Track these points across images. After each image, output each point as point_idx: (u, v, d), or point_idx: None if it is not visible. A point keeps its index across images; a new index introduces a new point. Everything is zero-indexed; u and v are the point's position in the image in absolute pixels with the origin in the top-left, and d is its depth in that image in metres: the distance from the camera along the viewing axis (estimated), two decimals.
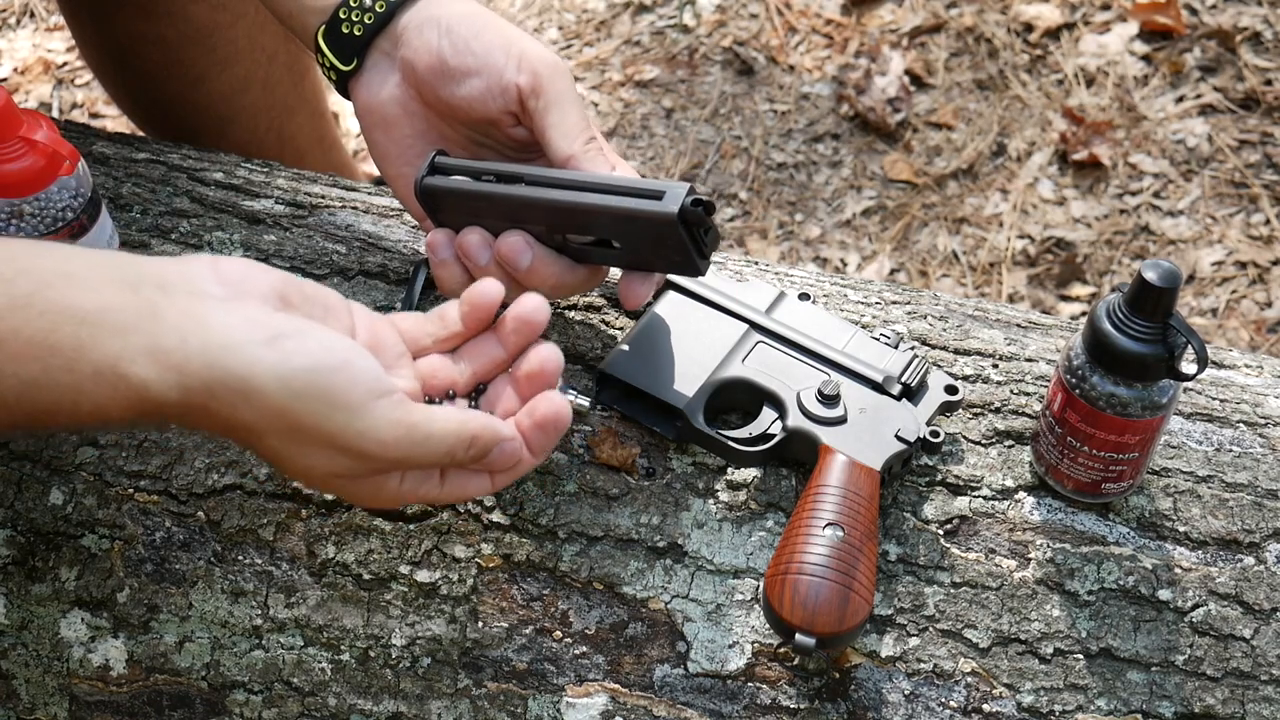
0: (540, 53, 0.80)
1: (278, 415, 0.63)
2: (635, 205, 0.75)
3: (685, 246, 0.76)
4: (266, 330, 0.63)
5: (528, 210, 0.79)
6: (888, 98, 1.92)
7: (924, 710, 0.78)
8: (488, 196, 0.79)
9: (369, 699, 0.82)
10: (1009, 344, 0.91)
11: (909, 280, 1.78)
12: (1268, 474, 0.84)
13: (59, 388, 0.61)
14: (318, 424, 0.63)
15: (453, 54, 0.80)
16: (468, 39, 0.80)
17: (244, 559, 0.84)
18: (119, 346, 0.61)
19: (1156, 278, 0.72)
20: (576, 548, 0.82)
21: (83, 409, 0.62)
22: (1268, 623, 0.80)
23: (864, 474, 0.79)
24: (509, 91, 0.79)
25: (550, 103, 0.79)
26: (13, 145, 0.84)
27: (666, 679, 0.80)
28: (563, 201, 0.77)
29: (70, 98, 2.00)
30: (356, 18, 0.83)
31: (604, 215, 0.77)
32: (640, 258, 0.80)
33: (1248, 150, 1.85)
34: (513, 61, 0.79)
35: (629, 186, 0.76)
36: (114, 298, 0.62)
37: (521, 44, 0.80)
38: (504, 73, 0.79)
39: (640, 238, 0.77)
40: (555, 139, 0.79)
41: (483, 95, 0.80)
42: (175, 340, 0.62)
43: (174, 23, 1.25)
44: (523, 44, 0.80)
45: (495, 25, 0.81)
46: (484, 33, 0.80)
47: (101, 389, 0.61)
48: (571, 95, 0.79)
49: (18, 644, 0.85)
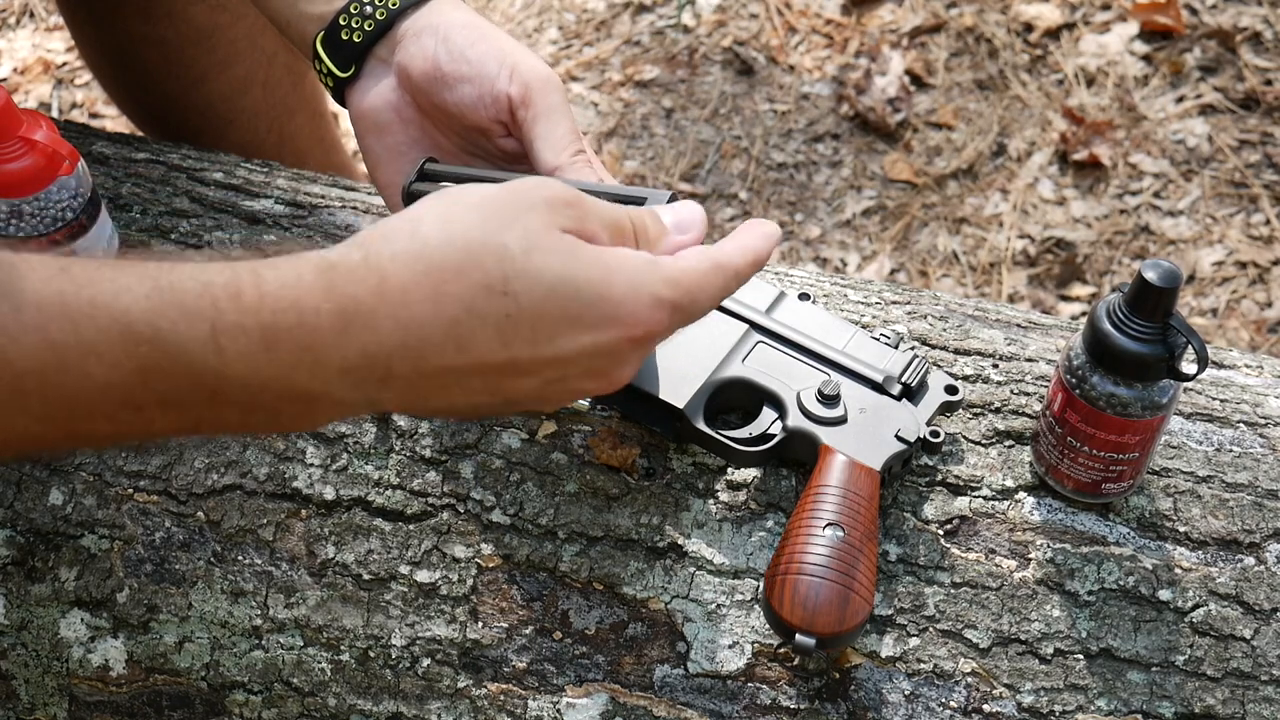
0: (533, 65, 0.80)
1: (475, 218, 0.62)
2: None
3: None
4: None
5: None
6: (888, 98, 1.92)
7: (924, 710, 0.78)
8: None
9: (369, 699, 0.82)
10: (1009, 344, 0.91)
11: (909, 280, 1.78)
12: (1268, 474, 0.84)
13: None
14: (508, 205, 0.63)
15: (448, 60, 0.80)
16: (463, 47, 0.80)
17: (244, 559, 0.84)
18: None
19: (1156, 278, 0.72)
20: (576, 548, 0.82)
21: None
22: (1268, 623, 0.80)
23: (864, 474, 0.79)
24: (499, 101, 0.79)
25: (539, 114, 0.79)
26: (12, 145, 0.84)
27: (666, 679, 0.80)
28: None
29: (70, 98, 2.00)
30: (356, 25, 0.83)
31: None
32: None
33: (1248, 150, 1.85)
34: (505, 71, 0.79)
35: (611, 192, 0.76)
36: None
37: (515, 55, 0.80)
38: (495, 82, 0.79)
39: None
40: (542, 149, 0.79)
41: (474, 102, 0.80)
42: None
43: (174, 23, 1.25)
44: (516, 55, 0.80)
45: (491, 35, 0.81)
46: (479, 42, 0.80)
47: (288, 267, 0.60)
48: (561, 108, 0.79)
49: (17, 644, 0.85)
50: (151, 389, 0.59)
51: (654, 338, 0.66)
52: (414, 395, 0.63)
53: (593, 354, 0.64)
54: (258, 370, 0.59)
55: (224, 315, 0.59)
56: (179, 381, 0.59)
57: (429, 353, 0.61)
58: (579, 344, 0.63)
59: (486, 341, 0.62)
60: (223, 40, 1.28)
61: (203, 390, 0.59)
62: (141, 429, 0.61)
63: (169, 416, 0.60)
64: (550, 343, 0.63)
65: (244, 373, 0.59)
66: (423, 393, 0.63)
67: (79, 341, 0.57)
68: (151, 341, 0.58)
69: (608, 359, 0.65)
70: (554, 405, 0.70)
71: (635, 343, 0.65)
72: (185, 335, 0.58)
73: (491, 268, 0.61)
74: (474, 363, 0.62)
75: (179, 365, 0.58)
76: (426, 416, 0.63)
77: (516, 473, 0.84)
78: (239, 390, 0.60)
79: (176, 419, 0.61)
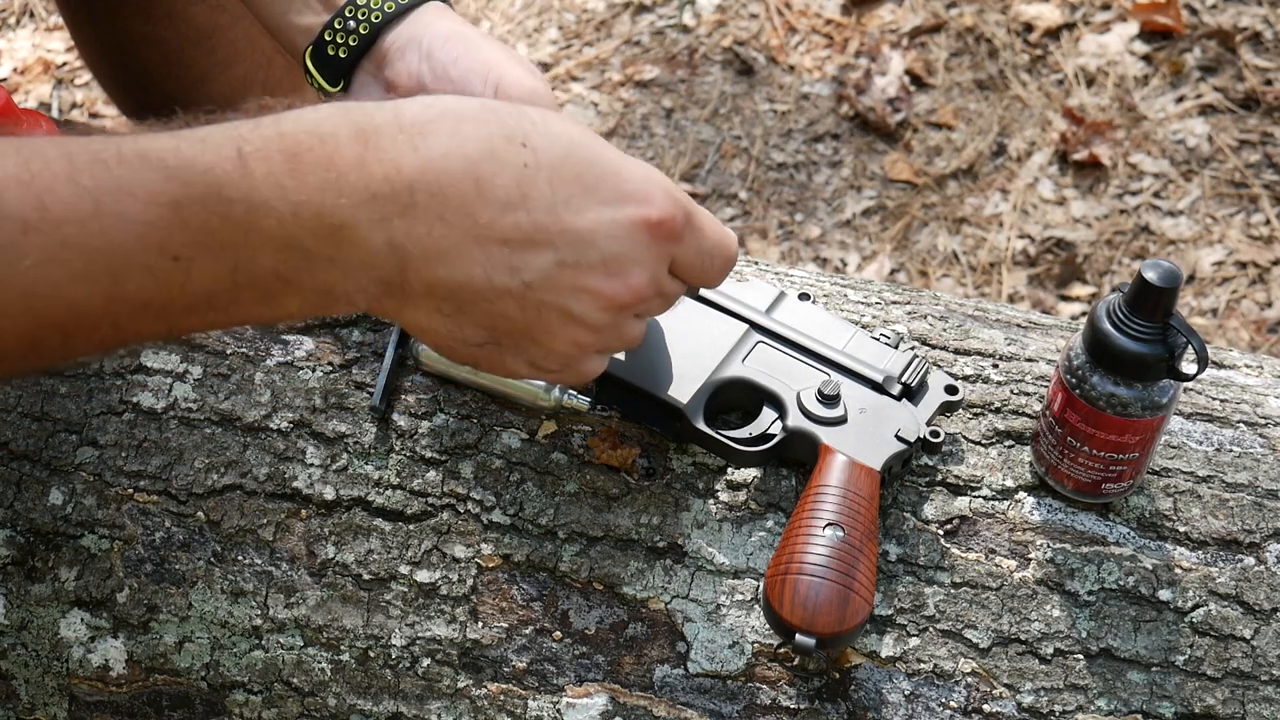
0: (518, 78, 0.78)
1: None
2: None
3: None
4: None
5: None
6: (888, 98, 1.92)
7: (924, 710, 0.78)
8: None
9: (369, 699, 0.82)
10: (1009, 344, 0.91)
11: (909, 280, 1.78)
12: (1268, 474, 0.84)
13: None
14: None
15: (432, 79, 0.79)
16: (446, 64, 0.79)
17: (244, 559, 0.84)
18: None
19: (1156, 278, 0.72)
20: (576, 548, 0.82)
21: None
22: (1268, 623, 0.80)
23: (864, 474, 0.79)
24: None
25: None
26: None
27: (666, 679, 0.80)
28: None
29: (70, 98, 2.00)
30: (341, 40, 0.83)
31: None
32: None
33: (1248, 150, 1.85)
34: (490, 89, 0.78)
35: None
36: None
37: (500, 69, 0.78)
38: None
39: None
40: None
41: None
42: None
43: (174, 24, 1.25)
44: (502, 69, 0.78)
45: (475, 47, 0.80)
46: (463, 58, 0.79)
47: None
48: None
49: (17, 644, 0.85)
50: (187, 227, 0.59)
51: (671, 234, 0.67)
52: (435, 243, 0.63)
53: (609, 234, 0.65)
54: (285, 193, 0.60)
55: (248, 141, 0.60)
56: (213, 216, 0.59)
57: (448, 186, 0.62)
58: (596, 217, 0.64)
59: (505, 188, 0.62)
60: (223, 41, 1.28)
61: (236, 226, 0.59)
62: (180, 287, 0.60)
63: (206, 267, 0.60)
64: (567, 207, 0.64)
65: (272, 196, 0.59)
66: (444, 243, 0.63)
67: (113, 182, 0.58)
68: (182, 172, 0.58)
69: (625, 249, 0.65)
70: (568, 328, 0.68)
71: (652, 231, 0.66)
72: (213, 161, 0.59)
73: (510, 121, 0.63)
74: (493, 211, 0.62)
75: (211, 193, 0.59)
76: (445, 297, 0.62)
77: (516, 473, 0.84)
78: (271, 221, 0.60)
79: (213, 270, 0.60)
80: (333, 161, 0.60)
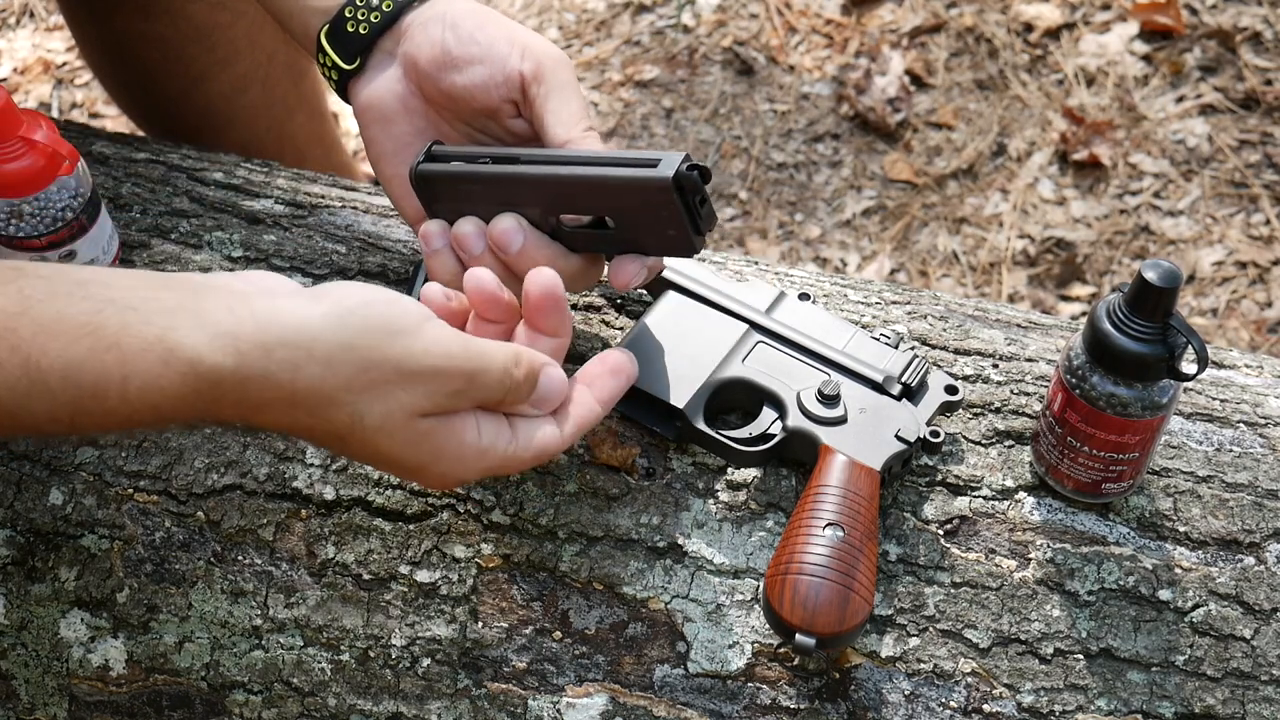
0: (543, 44, 0.81)
1: (343, 354, 0.63)
2: (630, 173, 0.76)
3: (681, 218, 0.76)
4: (310, 292, 0.65)
5: (522, 189, 0.79)
6: (888, 98, 1.92)
7: (924, 710, 0.78)
8: (482, 178, 0.80)
9: (369, 699, 0.82)
10: (1009, 344, 0.91)
11: (909, 280, 1.78)
12: (1268, 474, 0.84)
13: (104, 366, 0.61)
14: (384, 353, 0.64)
15: (456, 44, 0.81)
16: (472, 30, 0.81)
17: (244, 559, 0.84)
18: (165, 322, 0.61)
19: (1156, 278, 0.72)
20: (576, 548, 0.82)
21: (131, 387, 0.61)
22: (1268, 623, 0.80)
23: (864, 474, 0.79)
24: (512, 79, 0.80)
25: (552, 90, 0.80)
26: (12, 145, 0.84)
27: (666, 679, 0.80)
28: (557, 175, 0.77)
29: (70, 98, 2.00)
30: (363, 17, 0.83)
31: (598, 186, 0.76)
32: (634, 236, 0.79)
33: (1248, 150, 1.85)
34: (516, 50, 0.80)
35: (624, 158, 0.76)
36: (154, 291, 0.63)
37: (525, 36, 0.81)
38: (508, 60, 0.80)
39: (635, 211, 0.77)
40: (552, 124, 0.80)
41: (484, 83, 0.81)
42: (223, 312, 0.62)
43: (173, 21, 1.25)
44: (526, 36, 0.81)
45: (499, 19, 0.82)
46: (488, 25, 0.82)
47: (150, 363, 0.61)
48: (573, 85, 0.81)
49: (17, 644, 0.85)
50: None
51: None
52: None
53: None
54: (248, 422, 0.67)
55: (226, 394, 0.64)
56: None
57: (283, 382, 0.64)
58: (393, 470, 0.71)
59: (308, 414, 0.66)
60: (222, 39, 1.28)
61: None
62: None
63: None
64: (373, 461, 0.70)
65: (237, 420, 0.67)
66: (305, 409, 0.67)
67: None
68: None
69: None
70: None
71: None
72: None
73: (336, 415, 0.65)
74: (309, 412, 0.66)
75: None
76: (366, 459, 0.71)
77: (516, 472, 0.84)
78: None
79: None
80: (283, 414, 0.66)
